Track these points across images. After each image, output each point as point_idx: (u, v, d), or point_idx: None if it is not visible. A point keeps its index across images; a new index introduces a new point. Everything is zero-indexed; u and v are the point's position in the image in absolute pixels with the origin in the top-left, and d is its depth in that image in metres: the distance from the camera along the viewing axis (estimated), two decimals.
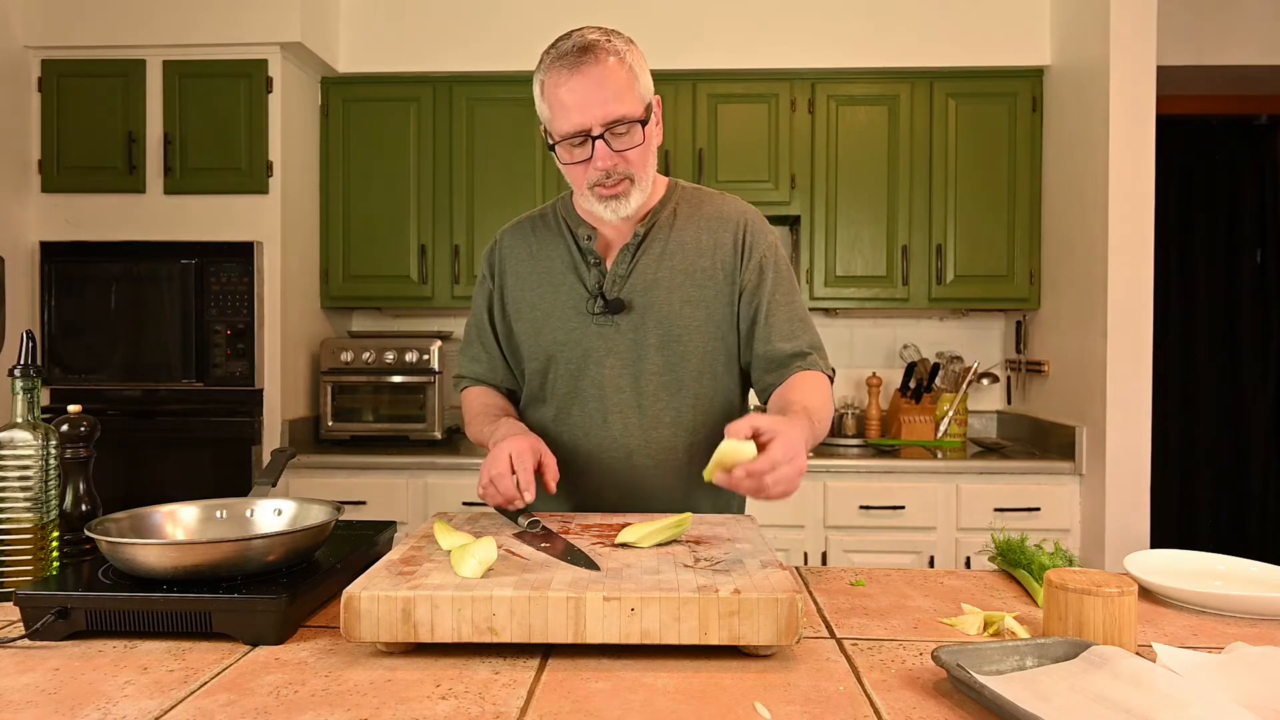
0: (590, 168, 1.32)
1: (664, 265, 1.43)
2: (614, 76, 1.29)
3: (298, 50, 3.13)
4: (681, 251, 1.44)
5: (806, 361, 1.42)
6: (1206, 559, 1.31)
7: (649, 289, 1.42)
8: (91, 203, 3.12)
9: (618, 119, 1.29)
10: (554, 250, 1.48)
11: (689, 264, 1.43)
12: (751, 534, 1.22)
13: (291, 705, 0.85)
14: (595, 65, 1.28)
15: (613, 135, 1.31)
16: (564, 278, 1.46)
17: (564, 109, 1.30)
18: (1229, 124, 3.97)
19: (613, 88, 1.29)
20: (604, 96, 1.28)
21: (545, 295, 1.46)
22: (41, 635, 1.01)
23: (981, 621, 1.08)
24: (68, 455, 1.27)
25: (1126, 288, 2.77)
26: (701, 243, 1.44)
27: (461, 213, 3.35)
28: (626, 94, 1.30)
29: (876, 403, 3.44)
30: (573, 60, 1.29)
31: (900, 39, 3.28)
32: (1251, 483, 4.02)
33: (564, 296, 1.45)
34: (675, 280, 1.42)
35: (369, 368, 3.25)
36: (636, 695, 0.87)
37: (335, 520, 1.19)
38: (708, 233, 1.45)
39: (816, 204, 3.31)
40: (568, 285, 1.45)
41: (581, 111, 1.29)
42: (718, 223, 1.46)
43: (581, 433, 1.45)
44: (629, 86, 1.30)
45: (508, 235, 1.54)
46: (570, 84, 1.29)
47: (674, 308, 1.42)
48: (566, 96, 1.29)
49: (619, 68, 1.30)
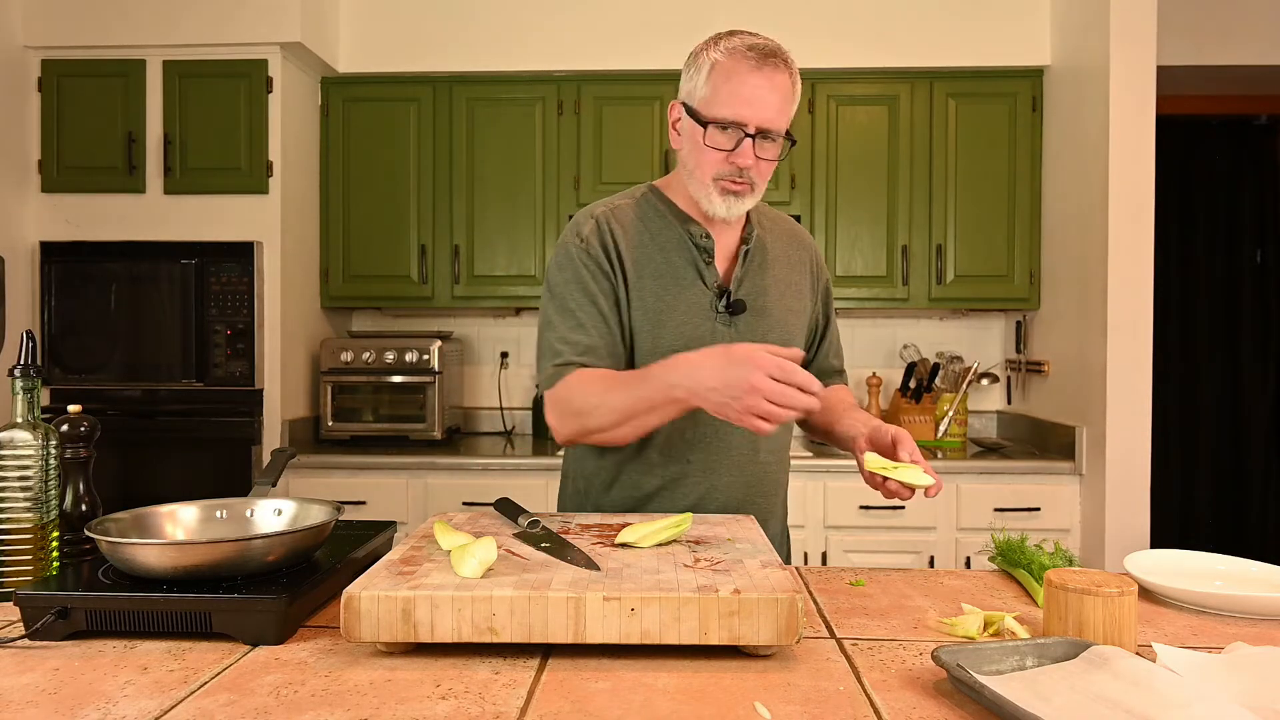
0: (729, 159, 1.35)
1: (768, 273, 1.49)
2: (787, 90, 1.36)
3: (298, 50, 3.13)
4: (779, 263, 1.52)
5: (841, 378, 1.64)
6: (1206, 559, 1.31)
7: (760, 294, 1.47)
8: (91, 203, 3.12)
9: (774, 129, 1.35)
10: (672, 243, 1.44)
11: (786, 275, 1.52)
12: (752, 534, 1.22)
13: (291, 705, 0.85)
14: (778, 73, 1.35)
15: (760, 141, 1.35)
16: (686, 272, 1.43)
17: (734, 97, 1.33)
18: (1229, 124, 3.97)
19: (781, 99, 1.35)
20: (775, 103, 1.34)
21: (669, 288, 1.42)
22: (41, 635, 1.01)
23: (981, 621, 1.08)
24: (68, 455, 1.27)
25: (1126, 288, 2.77)
26: (791, 258, 1.54)
27: (461, 213, 3.35)
28: (787, 111, 1.37)
29: (876, 403, 3.44)
30: (760, 57, 1.34)
31: (900, 39, 3.28)
32: (1251, 483, 4.02)
33: (688, 292, 1.42)
34: (780, 289, 1.50)
35: (369, 368, 3.25)
36: (636, 695, 0.87)
37: (335, 520, 1.19)
38: (793, 250, 1.55)
39: (816, 204, 3.31)
40: (689, 281, 1.43)
41: (751, 107, 1.33)
42: (798, 243, 1.57)
43: (710, 429, 1.43)
44: (791, 105, 1.38)
45: (613, 217, 1.44)
46: (751, 78, 1.33)
47: (782, 314, 1.49)
48: (743, 88, 1.33)
49: (793, 84, 1.37)
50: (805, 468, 2.97)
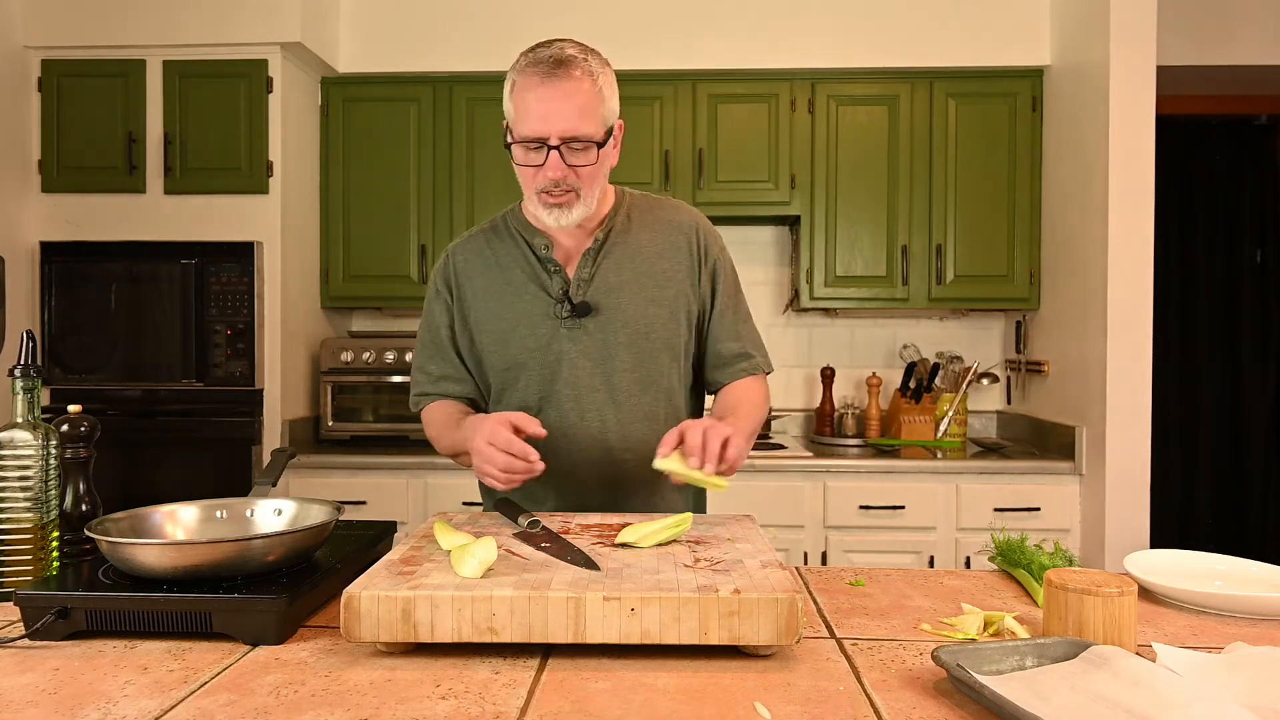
0: (540, 174, 1.37)
1: (626, 268, 1.49)
2: (582, 95, 1.34)
3: (298, 50, 3.13)
4: (641, 254, 1.50)
5: (751, 364, 1.56)
6: (1206, 559, 1.31)
7: (613, 291, 1.47)
8: (91, 203, 3.11)
9: (576, 136, 1.34)
10: (512, 260, 1.51)
11: (649, 266, 1.50)
12: (752, 534, 1.22)
13: (291, 705, 0.85)
14: (567, 80, 1.33)
15: (569, 149, 1.35)
16: (525, 286, 1.49)
17: (528, 113, 1.34)
18: (1229, 124, 3.97)
19: (578, 105, 1.33)
20: (568, 111, 1.33)
21: (509, 304, 1.49)
22: (41, 635, 1.01)
23: (981, 621, 1.08)
24: (68, 455, 1.27)
25: (1126, 288, 2.77)
26: (659, 245, 1.52)
27: (461, 213, 3.35)
28: (590, 114, 1.35)
29: (876, 403, 3.44)
30: (547, 70, 1.33)
31: (900, 39, 3.28)
32: (1251, 483, 4.01)
33: (528, 304, 1.48)
34: (640, 282, 1.49)
35: (369, 368, 3.25)
36: (636, 695, 0.87)
37: (335, 520, 1.19)
38: (664, 236, 1.52)
39: (816, 204, 3.31)
40: (530, 293, 1.49)
41: (544, 120, 1.33)
42: (673, 227, 1.53)
43: (559, 433, 1.46)
44: (593, 108, 1.35)
45: (461, 250, 1.56)
46: (539, 92, 1.33)
47: (639, 308, 1.48)
48: (533, 103, 1.33)
49: (589, 88, 1.35)
50: (805, 468, 2.97)
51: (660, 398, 1.51)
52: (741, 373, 1.55)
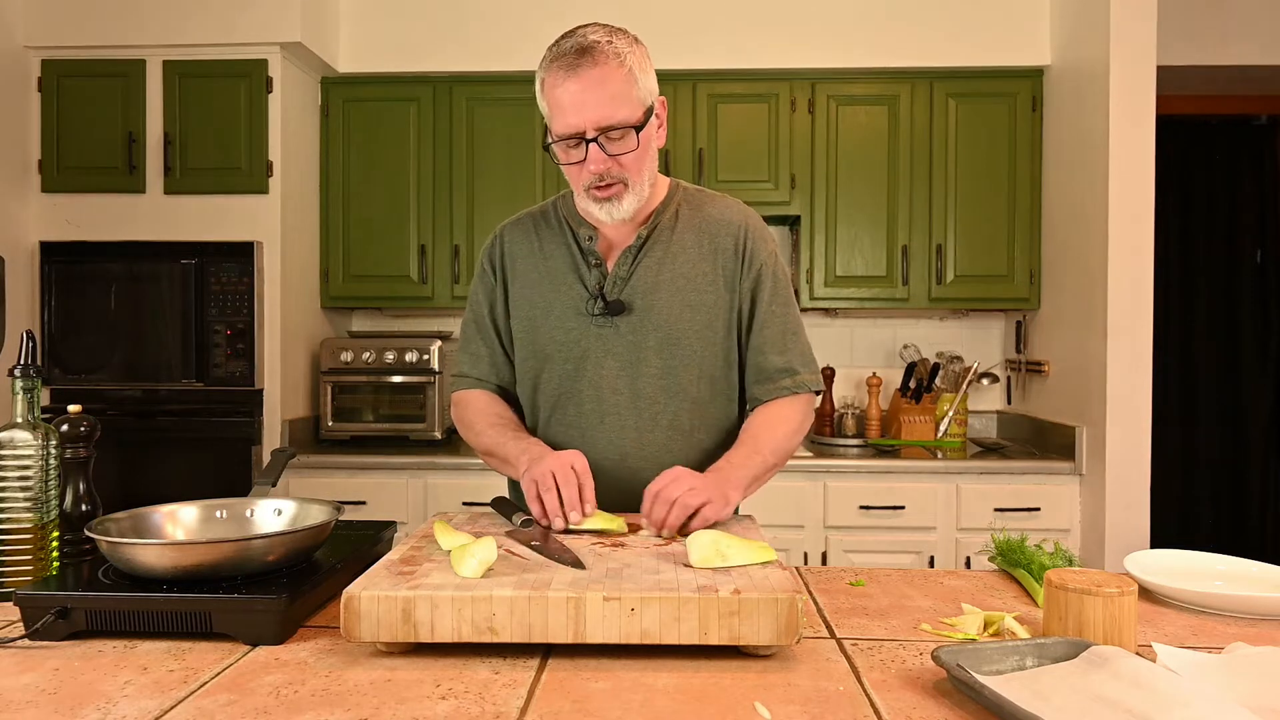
0: (584, 170, 1.33)
1: (665, 269, 1.43)
2: (612, 80, 1.28)
3: (298, 50, 3.13)
4: (683, 255, 1.44)
5: (795, 381, 1.45)
6: (1206, 559, 1.31)
7: (649, 292, 1.42)
8: (91, 203, 3.11)
9: (612, 124, 1.29)
10: (556, 249, 1.47)
11: (690, 268, 1.44)
12: (752, 534, 1.22)
13: (291, 705, 0.85)
14: (593, 68, 1.28)
15: (607, 139, 1.30)
16: (565, 277, 1.45)
17: (560, 110, 1.30)
18: (1229, 124, 3.97)
19: (609, 91, 1.28)
20: (599, 100, 1.28)
21: (545, 294, 1.46)
22: (41, 635, 1.01)
23: (981, 621, 1.08)
24: (68, 455, 1.27)
25: (1126, 288, 2.77)
26: (703, 247, 1.45)
27: (461, 213, 3.35)
28: (623, 98, 1.29)
29: (876, 403, 3.44)
30: (571, 61, 1.28)
31: (900, 39, 3.28)
32: (1251, 483, 4.01)
33: (564, 296, 1.44)
34: (677, 284, 1.42)
35: (369, 368, 3.25)
36: (636, 695, 0.87)
37: (335, 520, 1.19)
38: (709, 237, 1.45)
39: (816, 204, 3.31)
40: (568, 285, 1.45)
41: (577, 114, 1.29)
42: (720, 227, 1.46)
43: (576, 432, 1.44)
44: (626, 90, 1.30)
45: (510, 231, 1.52)
46: (567, 85, 1.28)
47: (674, 311, 1.42)
48: (563, 98, 1.29)
49: (618, 71, 1.29)
50: (805, 468, 2.97)
51: (685, 406, 1.43)
52: (783, 390, 1.44)
